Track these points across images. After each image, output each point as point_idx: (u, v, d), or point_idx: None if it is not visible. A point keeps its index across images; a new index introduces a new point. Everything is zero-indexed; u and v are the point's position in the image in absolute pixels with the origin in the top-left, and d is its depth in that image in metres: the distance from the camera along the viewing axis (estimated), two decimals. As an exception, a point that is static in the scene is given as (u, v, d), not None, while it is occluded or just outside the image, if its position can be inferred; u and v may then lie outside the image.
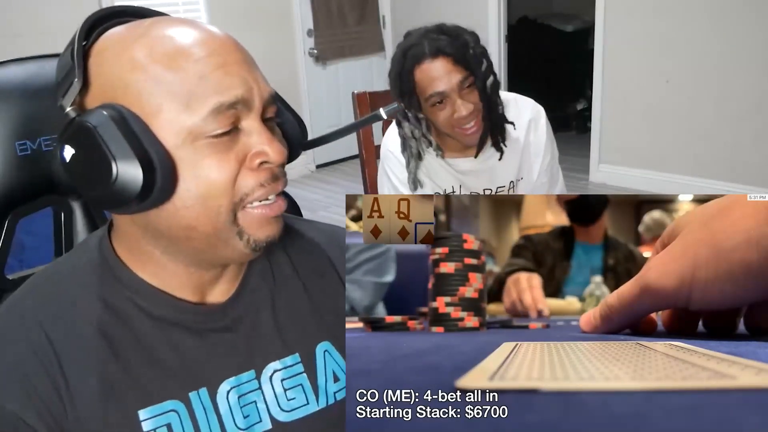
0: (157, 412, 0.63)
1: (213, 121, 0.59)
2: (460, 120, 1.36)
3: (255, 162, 0.61)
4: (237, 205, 0.61)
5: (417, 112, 1.39)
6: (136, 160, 0.56)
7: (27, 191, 0.87)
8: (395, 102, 0.67)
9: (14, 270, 0.92)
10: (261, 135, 0.61)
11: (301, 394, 0.71)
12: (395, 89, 1.39)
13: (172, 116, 0.58)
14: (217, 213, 0.61)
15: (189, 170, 0.59)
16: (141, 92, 0.58)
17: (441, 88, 1.33)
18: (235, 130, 0.60)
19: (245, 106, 0.60)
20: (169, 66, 0.58)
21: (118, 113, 0.57)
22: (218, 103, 0.58)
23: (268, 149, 0.61)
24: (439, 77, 1.33)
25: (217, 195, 0.60)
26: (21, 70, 0.89)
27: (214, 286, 0.70)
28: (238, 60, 0.61)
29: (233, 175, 0.60)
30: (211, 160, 0.59)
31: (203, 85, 0.58)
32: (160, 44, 0.59)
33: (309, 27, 4.65)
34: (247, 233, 0.63)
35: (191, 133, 0.58)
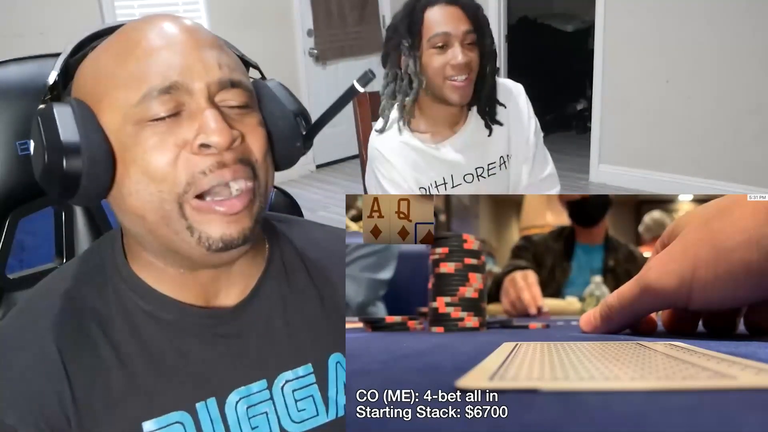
0: (162, 424, 0.62)
1: (151, 105, 0.58)
2: (455, 67, 1.37)
3: (195, 144, 0.58)
4: (181, 196, 0.58)
5: (415, 52, 1.39)
6: (61, 147, 0.57)
7: (28, 191, 0.87)
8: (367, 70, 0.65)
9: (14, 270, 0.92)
10: (208, 119, 0.58)
11: (312, 406, 0.69)
12: (402, 25, 1.40)
13: (112, 100, 0.59)
14: (160, 200, 0.58)
15: (130, 155, 0.59)
16: (92, 81, 0.61)
17: (447, 29, 1.36)
18: (178, 114, 0.59)
19: (184, 90, 0.58)
20: (116, 53, 0.60)
21: (67, 106, 0.59)
22: (150, 88, 0.58)
23: (209, 131, 0.58)
24: (448, 21, 1.37)
25: (157, 179, 0.58)
26: (21, 70, 0.89)
27: (218, 290, 0.67)
28: (182, 41, 0.60)
29: (171, 158, 0.58)
30: (149, 142, 0.58)
31: (140, 69, 0.58)
32: (117, 37, 0.62)
33: (309, 27, 4.65)
34: (197, 229, 0.59)
35: (130, 116, 0.58)
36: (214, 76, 0.60)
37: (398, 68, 1.44)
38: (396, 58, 1.43)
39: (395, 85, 1.45)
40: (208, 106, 0.59)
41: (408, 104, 1.43)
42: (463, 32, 1.37)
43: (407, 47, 1.39)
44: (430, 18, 1.37)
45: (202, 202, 0.59)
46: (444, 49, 1.37)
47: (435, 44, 1.37)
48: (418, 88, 1.40)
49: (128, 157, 0.59)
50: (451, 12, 1.37)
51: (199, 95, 0.59)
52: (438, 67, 1.38)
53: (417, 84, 1.40)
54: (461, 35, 1.37)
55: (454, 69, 1.38)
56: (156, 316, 0.64)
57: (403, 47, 1.40)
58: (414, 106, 1.45)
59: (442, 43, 1.37)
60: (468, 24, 1.38)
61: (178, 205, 0.59)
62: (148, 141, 0.58)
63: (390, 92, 1.47)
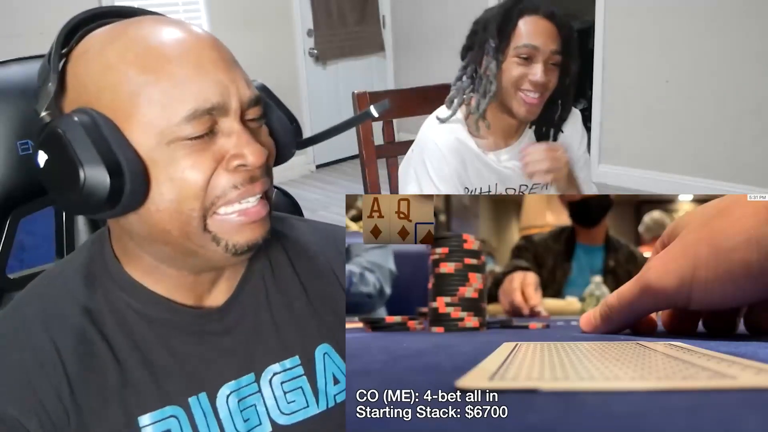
0: (157, 418, 0.63)
1: (188, 126, 0.58)
2: (532, 83, 1.35)
3: (232, 164, 0.60)
4: (207, 210, 0.60)
5: (499, 56, 1.37)
6: (102, 165, 0.56)
7: (28, 191, 0.87)
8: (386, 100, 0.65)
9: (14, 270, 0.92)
10: (240, 137, 0.60)
11: (301, 397, 0.70)
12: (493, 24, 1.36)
13: (146, 119, 0.57)
14: (189, 218, 0.60)
15: (163, 172, 0.58)
16: (114, 95, 0.58)
17: (536, 43, 1.34)
18: (212, 132, 0.59)
19: (222, 110, 0.59)
20: (141, 67, 0.58)
21: (89, 118, 0.57)
22: (193, 110, 0.57)
23: (246, 151, 0.60)
24: (539, 35, 1.34)
25: (190, 197, 0.59)
26: (21, 69, 0.89)
27: (211, 289, 0.69)
28: (214, 60, 0.60)
29: (208, 176, 0.59)
30: (186, 161, 0.58)
31: (178, 89, 0.58)
32: (135, 45, 0.59)
33: (309, 27, 4.65)
34: (223, 239, 0.61)
35: (165, 136, 0.58)
36: (245, 95, 0.61)
37: (477, 65, 1.41)
38: (478, 54, 1.41)
39: (473, 82, 1.43)
40: (240, 126, 0.60)
41: (482, 106, 1.41)
42: (551, 51, 1.35)
43: (493, 48, 1.36)
44: (523, 27, 1.34)
45: (222, 215, 0.61)
46: (527, 62, 1.35)
47: (520, 54, 1.35)
48: (494, 92, 1.38)
49: (162, 175, 0.58)
50: (545, 27, 1.35)
51: (234, 114, 0.60)
52: (516, 77, 1.36)
53: (493, 88, 1.38)
54: (548, 53, 1.35)
55: (530, 84, 1.36)
56: (146, 315, 0.65)
57: (488, 47, 1.37)
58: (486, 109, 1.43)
59: (527, 56, 1.35)
60: (558, 44, 1.35)
61: (203, 220, 0.60)
62: (185, 160, 0.58)
63: (464, 87, 1.44)
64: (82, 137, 0.56)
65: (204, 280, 0.68)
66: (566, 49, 1.36)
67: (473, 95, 1.43)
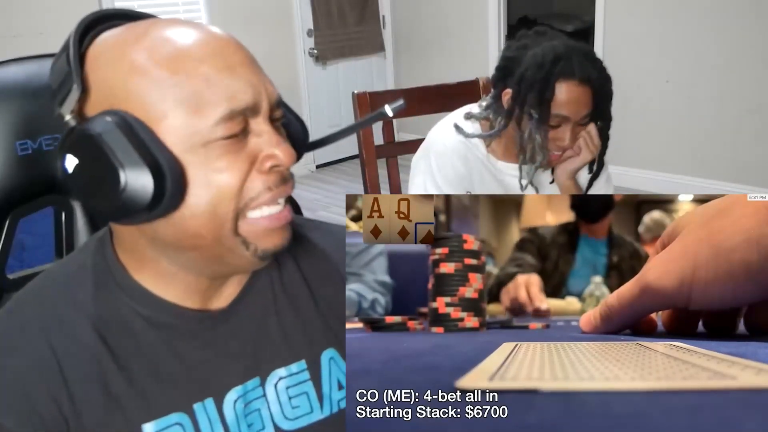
0: (162, 425, 0.62)
1: (222, 127, 0.57)
2: (557, 145, 1.35)
3: (266, 165, 0.59)
4: (240, 213, 0.59)
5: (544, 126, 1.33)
6: (145, 167, 0.54)
7: (28, 191, 0.87)
8: (401, 99, 0.64)
9: (14, 270, 0.92)
10: (271, 137, 0.60)
11: (306, 402, 0.69)
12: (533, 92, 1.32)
13: (179, 121, 0.56)
14: (223, 221, 0.59)
15: (199, 175, 0.57)
16: (144, 97, 0.56)
17: (567, 114, 1.31)
18: (244, 132, 0.59)
19: (254, 111, 0.59)
20: (172, 69, 0.56)
21: (122, 119, 0.55)
22: (229, 110, 0.57)
23: (278, 152, 0.59)
24: (572, 105, 1.31)
25: (226, 199, 0.58)
26: (21, 70, 0.89)
27: (218, 292, 0.68)
28: (244, 62, 0.59)
29: (243, 177, 0.59)
30: (220, 163, 0.58)
31: (211, 90, 0.57)
32: (160, 46, 0.57)
33: (309, 27, 4.65)
34: (253, 243, 0.61)
35: (201, 137, 0.57)
36: (272, 96, 0.61)
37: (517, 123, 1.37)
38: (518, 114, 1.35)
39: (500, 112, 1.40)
40: (270, 127, 0.60)
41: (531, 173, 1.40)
42: (582, 116, 1.33)
43: (536, 120, 1.33)
44: (559, 95, 1.30)
45: (251, 219, 0.60)
46: (555, 127, 1.33)
47: (551, 123, 1.33)
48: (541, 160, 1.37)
49: (198, 178, 0.57)
50: (579, 94, 1.30)
51: (264, 114, 0.60)
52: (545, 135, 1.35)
53: (540, 158, 1.36)
54: (578, 119, 1.33)
55: (554, 145, 1.35)
56: (151, 320, 0.64)
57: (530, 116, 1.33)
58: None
59: (557, 124, 1.33)
60: (590, 107, 1.32)
61: (235, 223, 0.60)
62: (220, 161, 0.57)
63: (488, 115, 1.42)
64: (119, 139, 0.54)
65: (216, 285, 0.67)
66: (597, 108, 1.33)
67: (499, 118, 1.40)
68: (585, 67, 1.31)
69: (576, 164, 1.40)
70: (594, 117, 1.35)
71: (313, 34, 4.67)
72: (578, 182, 1.45)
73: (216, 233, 0.59)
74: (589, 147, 1.37)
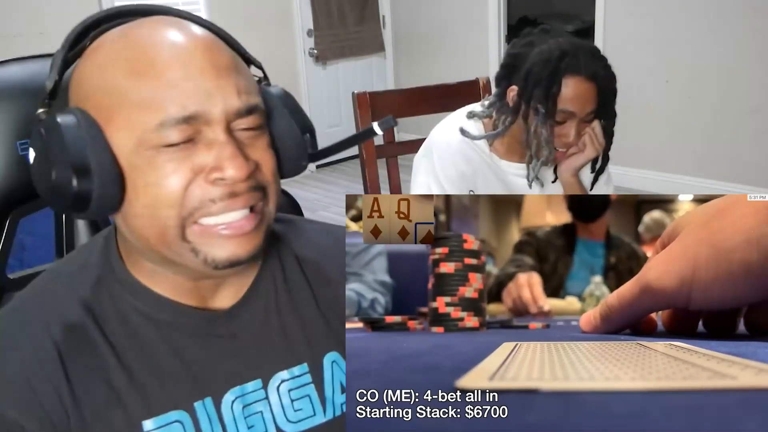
0: (162, 422, 0.62)
1: (164, 133, 0.56)
2: (562, 142, 1.35)
3: (211, 177, 0.58)
4: (186, 220, 0.58)
5: (551, 121, 1.33)
6: (70, 167, 0.56)
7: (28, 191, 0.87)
8: (390, 117, 0.63)
9: (14, 270, 0.92)
10: (222, 149, 0.58)
11: (308, 405, 0.69)
12: (539, 87, 1.31)
13: (127, 123, 0.57)
14: (165, 226, 0.58)
15: (141, 177, 0.57)
16: (102, 96, 0.58)
17: (573, 110, 1.31)
18: (194, 141, 0.58)
19: (202, 120, 0.57)
20: (129, 70, 0.57)
21: (73, 118, 0.57)
22: (168, 116, 0.56)
23: (226, 164, 0.57)
24: (577, 100, 1.31)
25: (165, 205, 0.58)
26: (21, 69, 0.89)
27: (216, 292, 0.67)
28: (202, 66, 0.58)
29: (184, 185, 0.57)
30: (165, 168, 0.57)
31: (158, 94, 0.56)
32: (128, 47, 0.58)
33: (309, 27, 4.65)
34: (202, 251, 0.59)
35: (144, 141, 0.57)
36: (232, 105, 0.58)
37: (524, 119, 1.36)
38: (525, 110, 1.36)
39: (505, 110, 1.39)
40: (225, 137, 0.58)
41: (536, 168, 1.39)
42: (587, 113, 1.33)
43: (542, 114, 1.33)
44: (564, 90, 1.30)
45: (205, 226, 0.59)
46: (560, 123, 1.33)
47: (556, 118, 1.33)
48: (547, 156, 1.36)
49: (140, 181, 0.58)
50: (585, 90, 1.31)
51: (218, 124, 0.58)
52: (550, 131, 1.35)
53: (546, 152, 1.36)
54: (584, 116, 1.33)
55: (559, 142, 1.35)
56: (152, 317, 0.64)
57: (536, 110, 1.33)
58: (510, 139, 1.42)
59: (562, 120, 1.33)
60: (595, 104, 1.32)
61: (181, 230, 0.59)
62: (165, 167, 0.57)
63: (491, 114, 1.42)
64: (58, 138, 0.56)
65: (205, 286, 0.66)
66: (602, 105, 1.33)
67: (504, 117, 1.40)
68: (591, 64, 1.31)
69: (580, 161, 1.40)
70: (598, 114, 1.35)
71: (313, 34, 4.67)
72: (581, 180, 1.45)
73: (161, 237, 0.59)
74: (594, 144, 1.37)
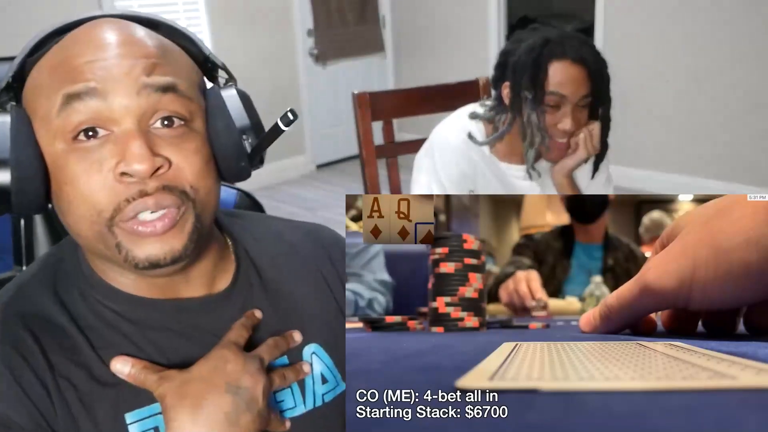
0: (144, 415, 0.62)
1: (66, 115, 0.56)
2: (560, 131, 1.34)
3: (118, 170, 0.56)
4: (110, 220, 0.58)
5: (540, 107, 1.33)
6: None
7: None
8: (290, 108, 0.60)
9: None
10: (127, 141, 0.56)
11: (289, 397, 0.69)
12: (525, 75, 1.32)
13: (41, 114, 0.58)
14: (91, 222, 0.58)
15: (62, 174, 0.58)
16: (32, 96, 0.60)
17: (564, 93, 1.31)
18: (104, 140, 0.57)
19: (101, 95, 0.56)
20: (51, 64, 0.59)
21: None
22: (64, 92, 0.56)
23: (129, 157, 0.56)
24: (567, 83, 1.31)
25: (87, 203, 0.57)
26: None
27: (178, 287, 0.67)
28: (114, 53, 0.58)
29: (98, 184, 0.57)
30: (80, 166, 0.57)
31: (56, 75, 0.58)
32: (59, 47, 0.60)
33: (309, 27, 4.65)
34: (125, 248, 0.59)
35: (54, 131, 0.57)
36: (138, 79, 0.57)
37: (518, 114, 1.37)
38: (516, 102, 1.37)
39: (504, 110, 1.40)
40: (134, 132, 0.57)
41: (531, 156, 1.38)
42: (580, 96, 1.32)
43: (530, 101, 1.33)
44: (552, 74, 1.31)
45: (127, 223, 0.58)
46: (554, 109, 1.32)
47: (548, 102, 1.32)
48: (540, 142, 1.36)
49: (61, 177, 0.58)
50: (574, 73, 1.31)
51: (130, 115, 0.57)
52: (545, 122, 1.34)
53: (538, 139, 1.35)
54: (577, 99, 1.32)
55: (557, 131, 1.34)
56: (126, 316, 0.64)
57: (524, 98, 1.34)
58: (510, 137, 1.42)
59: (555, 104, 1.32)
60: (588, 88, 1.32)
61: (108, 227, 0.58)
62: (78, 165, 0.57)
63: (492, 117, 1.42)
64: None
65: (159, 282, 0.65)
66: (596, 90, 1.33)
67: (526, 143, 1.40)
68: (577, 48, 1.31)
69: (572, 162, 1.40)
70: (593, 99, 1.34)
71: (313, 34, 4.67)
72: (575, 182, 1.45)
73: (92, 232, 0.59)
74: (587, 146, 1.37)
